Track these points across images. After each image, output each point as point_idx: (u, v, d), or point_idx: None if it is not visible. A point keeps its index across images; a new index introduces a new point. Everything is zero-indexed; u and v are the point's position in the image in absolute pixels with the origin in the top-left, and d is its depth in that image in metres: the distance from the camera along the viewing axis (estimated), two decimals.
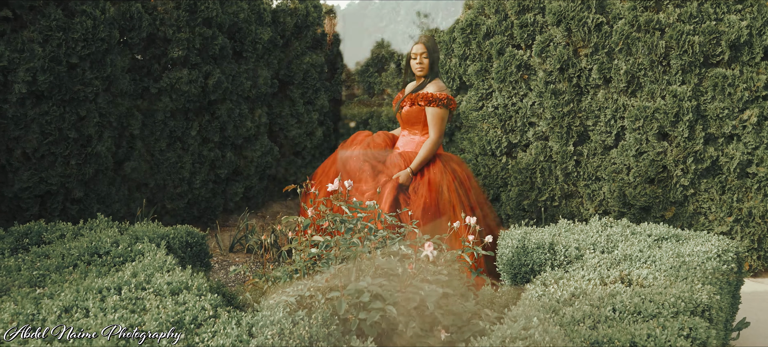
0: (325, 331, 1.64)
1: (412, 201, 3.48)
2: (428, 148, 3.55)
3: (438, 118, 3.55)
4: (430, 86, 3.62)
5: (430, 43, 3.65)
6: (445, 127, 3.60)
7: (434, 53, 3.66)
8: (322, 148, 6.42)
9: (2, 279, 2.10)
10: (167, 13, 4.90)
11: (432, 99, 3.55)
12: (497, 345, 1.68)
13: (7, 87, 4.08)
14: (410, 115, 3.64)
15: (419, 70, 3.66)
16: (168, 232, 2.76)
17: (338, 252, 1.76)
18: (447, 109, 3.61)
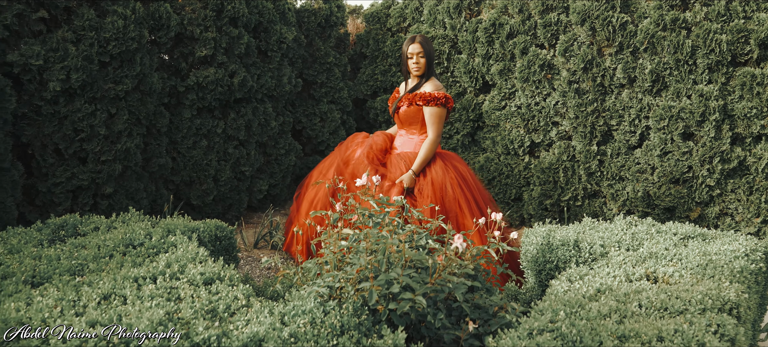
0: (355, 321, 1.68)
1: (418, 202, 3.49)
2: (428, 147, 3.55)
3: (436, 117, 3.54)
4: (427, 85, 3.61)
5: (426, 42, 3.66)
6: (442, 126, 3.61)
7: (430, 52, 3.66)
8: None
9: (44, 267, 2.18)
10: (195, 13, 4.99)
11: (430, 98, 3.55)
12: (525, 336, 1.71)
13: (42, 85, 4.20)
14: (408, 114, 3.64)
15: (416, 69, 3.66)
16: (198, 226, 2.82)
17: (368, 245, 1.80)
18: (445, 107, 3.61)
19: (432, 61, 3.65)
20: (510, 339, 1.68)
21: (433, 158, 3.61)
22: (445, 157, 3.71)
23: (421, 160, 3.54)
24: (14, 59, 4.06)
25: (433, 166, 3.58)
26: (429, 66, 3.64)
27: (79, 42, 4.31)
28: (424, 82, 3.63)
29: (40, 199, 4.42)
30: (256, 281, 3.68)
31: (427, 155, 3.55)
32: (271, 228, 4.58)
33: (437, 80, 3.68)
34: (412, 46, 3.65)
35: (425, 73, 3.66)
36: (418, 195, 3.50)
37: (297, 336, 1.62)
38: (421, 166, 3.54)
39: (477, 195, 3.62)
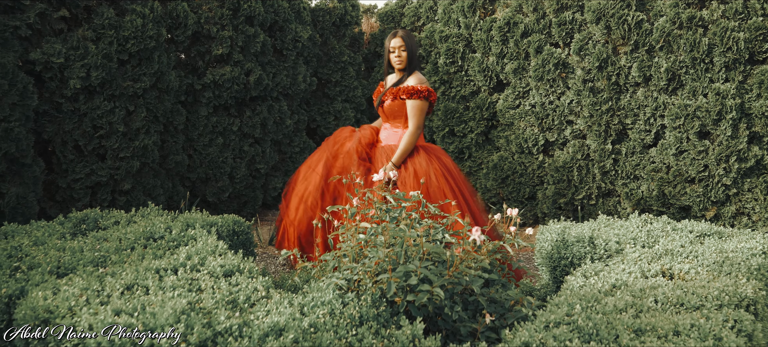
0: (374, 312, 1.70)
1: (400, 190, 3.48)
2: (407, 139, 3.57)
3: (417, 109, 3.58)
4: (411, 79, 3.64)
5: (407, 37, 3.68)
6: (424, 118, 3.63)
7: (412, 46, 3.68)
8: None
9: (68, 258, 2.23)
10: (211, 12, 5.04)
11: (413, 92, 3.58)
12: (541, 329, 1.72)
13: (63, 83, 4.27)
14: (392, 108, 3.67)
15: (398, 63, 3.69)
16: (216, 220, 2.86)
17: (387, 238, 1.82)
18: (427, 101, 3.62)
19: (414, 55, 3.67)
20: (527, 331, 1.69)
21: (416, 150, 3.64)
22: (429, 150, 3.71)
23: (401, 152, 3.57)
24: (36, 57, 4.14)
25: (416, 156, 3.60)
26: (411, 60, 3.67)
27: (98, 40, 4.37)
28: (408, 77, 3.65)
29: (60, 195, 4.50)
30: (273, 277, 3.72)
31: (407, 147, 3.57)
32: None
33: (421, 74, 3.71)
34: (394, 41, 3.68)
35: (407, 67, 3.68)
36: (402, 186, 3.50)
37: (317, 326, 1.64)
38: (400, 157, 3.57)
39: (463, 188, 3.61)
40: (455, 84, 5.92)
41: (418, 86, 3.57)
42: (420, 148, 3.63)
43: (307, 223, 3.48)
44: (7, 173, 4.03)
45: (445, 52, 5.88)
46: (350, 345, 1.58)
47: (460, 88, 5.91)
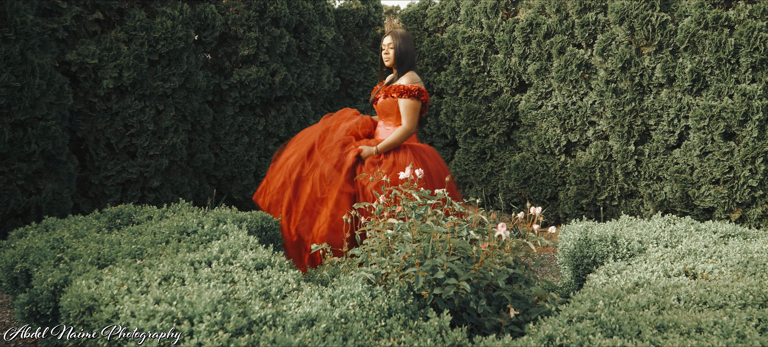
0: (402, 304, 1.76)
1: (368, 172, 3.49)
2: (398, 133, 3.60)
3: (409, 109, 3.59)
4: (404, 78, 3.66)
5: (395, 36, 3.70)
6: (417, 117, 3.63)
7: (402, 45, 3.68)
8: None
9: (107, 250, 2.33)
10: (238, 13, 5.15)
11: (404, 90, 3.60)
12: (564, 323, 1.77)
13: (96, 83, 4.41)
14: (384, 106, 3.70)
15: (386, 60, 3.73)
16: (245, 216, 2.95)
17: (414, 233, 1.88)
18: (418, 100, 3.62)
19: (407, 54, 3.68)
20: (550, 325, 1.74)
21: (403, 148, 3.66)
22: (417, 151, 3.70)
23: (388, 143, 3.60)
24: (72, 58, 4.28)
25: (401, 152, 3.62)
26: (402, 59, 3.68)
27: (130, 41, 4.50)
28: (402, 76, 3.67)
29: (93, 191, 4.64)
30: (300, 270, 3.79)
31: (395, 140, 3.61)
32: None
33: (415, 74, 3.72)
34: (385, 39, 3.74)
35: (398, 65, 3.69)
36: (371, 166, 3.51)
37: (347, 317, 1.71)
38: (386, 147, 3.60)
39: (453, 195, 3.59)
40: (477, 85, 5.95)
41: (409, 85, 3.59)
42: (408, 147, 3.65)
43: (283, 182, 3.55)
44: (44, 170, 4.17)
45: (468, 52, 5.92)
46: (380, 335, 1.64)
47: (482, 89, 5.94)
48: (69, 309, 1.94)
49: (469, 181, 6.14)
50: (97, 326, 1.84)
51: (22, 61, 3.91)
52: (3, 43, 3.85)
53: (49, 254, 2.38)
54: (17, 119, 3.95)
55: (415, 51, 3.75)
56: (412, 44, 3.72)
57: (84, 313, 1.90)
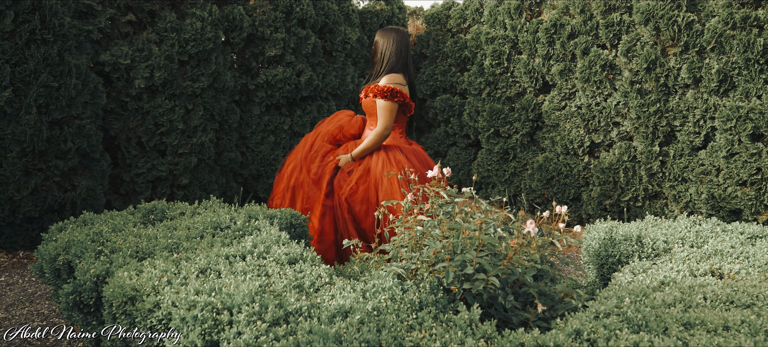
0: (432, 298, 1.82)
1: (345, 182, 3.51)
2: (372, 138, 3.55)
3: (384, 109, 3.53)
4: (384, 79, 3.60)
5: (379, 37, 3.68)
6: (392, 119, 3.54)
7: (384, 46, 3.64)
8: None
9: (145, 244, 2.42)
10: (265, 14, 5.25)
11: (378, 90, 3.55)
12: (591, 319, 1.80)
13: (129, 83, 4.54)
14: (366, 106, 3.69)
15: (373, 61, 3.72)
16: (275, 213, 3.03)
17: (444, 230, 1.93)
18: (392, 101, 3.54)
19: (387, 55, 3.62)
20: (578, 320, 1.78)
21: (378, 150, 3.60)
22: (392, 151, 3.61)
23: (362, 148, 3.57)
24: (106, 59, 4.41)
25: (375, 156, 3.57)
26: (386, 59, 3.63)
27: (161, 42, 4.62)
28: (383, 76, 3.65)
29: (124, 188, 4.77)
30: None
31: (370, 145, 3.56)
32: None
33: (401, 76, 3.63)
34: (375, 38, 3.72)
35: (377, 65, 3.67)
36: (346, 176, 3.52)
37: (379, 309, 1.77)
38: (361, 153, 3.57)
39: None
40: (501, 85, 5.98)
41: (384, 86, 3.53)
42: (383, 149, 3.59)
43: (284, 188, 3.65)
44: (78, 167, 4.31)
45: (491, 53, 5.94)
46: (411, 327, 1.70)
47: (505, 90, 5.96)
48: (112, 299, 2.03)
49: (491, 181, 6.17)
50: (140, 315, 1.92)
51: (59, 62, 4.04)
52: (42, 44, 3.98)
53: (89, 247, 2.48)
54: (54, 118, 4.09)
55: (402, 51, 3.64)
56: (398, 44, 3.62)
57: (126, 303, 1.99)
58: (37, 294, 3.69)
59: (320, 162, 3.63)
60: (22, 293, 3.71)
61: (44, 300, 3.63)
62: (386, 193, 3.46)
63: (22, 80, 3.95)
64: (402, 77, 3.64)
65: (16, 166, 3.98)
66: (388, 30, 3.68)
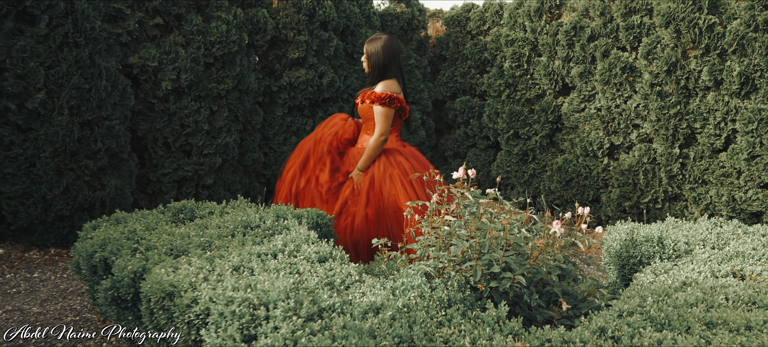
0: (460, 296, 1.88)
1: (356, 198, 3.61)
2: (372, 146, 3.65)
3: (381, 115, 3.63)
4: (380, 86, 3.69)
5: (369, 45, 3.75)
6: (388, 124, 3.64)
7: (375, 55, 3.71)
8: (424, 147, 6.68)
9: (179, 242, 2.51)
10: (289, 17, 5.34)
11: (374, 97, 3.65)
12: (615, 317, 1.85)
13: (156, 85, 4.65)
14: (363, 111, 3.77)
15: (365, 67, 3.80)
16: (302, 213, 3.10)
17: (472, 230, 1.99)
18: (389, 107, 3.63)
19: (381, 63, 3.70)
20: (602, 318, 1.83)
21: (379, 156, 3.70)
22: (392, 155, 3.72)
23: (366, 158, 3.66)
24: (134, 61, 4.52)
25: (377, 162, 3.68)
26: (378, 67, 3.72)
27: (187, 45, 4.73)
28: (378, 82, 3.73)
29: (151, 187, 4.88)
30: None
31: (371, 153, 3.66)
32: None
33: (394, 82, 3.72)
34: (364, 47, 3.82)
35: (373, 73, 3.76)
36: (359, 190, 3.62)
37: (409, 306, 1.83)
38: (365, 163, 3.67)
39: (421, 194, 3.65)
40: (520, 87, 6.01)
41: (381, 92, 3.63)
42: (383, 153, 3.69)
43: (286, 195, 3.74)
44: (107, 167, 4.43)
45: (511, 55, 5.98)
46: (441, 323, 1.76)
47: (525, 92, 6.00)
48: (150, 295, 2.12)
49: (511, 183, 6.20)
50: (177, 310, 2.01)
51: (90, 65, 4.16)
52: (74, 47, 4.11)
53: (125, 245, 2.58)
54: (85, 119, 4.21)
55: (395, 57, 3.74)
56: (389, 51, 3.70)
57: (164, 299, 2.08)
58: (69, 290, 3.81)
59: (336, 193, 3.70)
60: (55, 289, 3.83)
61: (76, 296, 3.74)
62: (389, 195, 3.58)
63: (55, 82, 4.07)
64: (396, 83, 3.73)
65: (48, 166, 4.11)
66: (375, 38, 3.77)
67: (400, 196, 3.55)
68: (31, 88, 4.00)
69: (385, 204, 3.57)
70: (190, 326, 1.99)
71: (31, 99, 4.02)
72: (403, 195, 3.57)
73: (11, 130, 4.03)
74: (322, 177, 3.70)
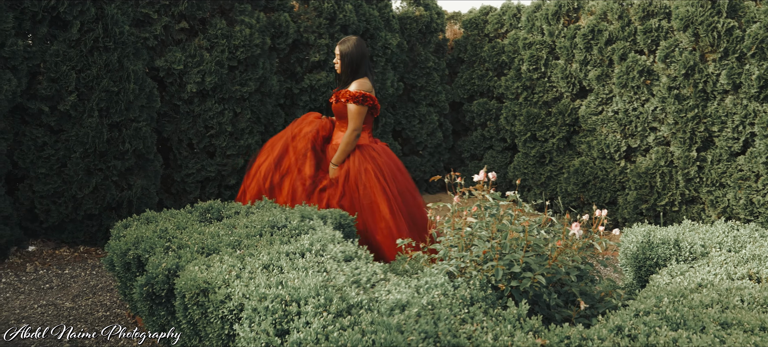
0: (482, 294, 1.96)
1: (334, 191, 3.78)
2: (345, 141, 3.83)
3: (354, 113, 3.82)
4: (353, 85, 3.89)
5: (342, 46, 3.92)
6: (361, 121, 3.84)
7: (348, 55, 3.90)
8: (441, 148, 6.75)
9: (209, 241, 2.61)
10: (310, 21, 5.45)
11: (349, 96, 3.83)
12: (631, 316, 1.92)
13: (181, 87, 4.78)
14: (337, 110, 3.96)
15: (337, 68, 3.98)
16: (325, 213, 3.20)
17: (494, 231, 2.07)
18: (363, 105, 3.82)
19: (354, 63, 3.89)
20: (619, 317, 1.89)
21: (354, 150, 3.89)
22: (365, 150, 3.92)
23: (340, 152, 3.85)
24: (160, 64, 4.66)
25: (353, 157, 3.87)
26: (349, 67, 3.91)
27: (212, 49, 4.86)
28: (352, 82, 3.90)
29: (175, 188, 5.02)
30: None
31: (345, 147, 3.85)
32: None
33: (366, 81, 3.92)
34: (336, 49, 3.99)
35: (345, 73, 3.91)
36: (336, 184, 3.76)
37: (433, 304, 1.92)
38: (340, 157, 3.86)
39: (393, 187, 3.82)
40: (538, 90, 6.06)
41: (355, 91, 3.82)
42: (357, 149, 3.88)
43: (257, 190, 3.86)
44: (134, 167, 4.56)
45: (529, 58, 6.03)
46: (464, 320, 1.84)
47: (542, 94, 6.05)
48: (185, 291, 2.22)
49: (527, 184, 6.26)
50: (212, 305, 2.11)
51: (119, 68, 4.30)
52: (104, 51, 4.25)
53: (158, 243, 2.69)
54: (114, 120, 4.35)
55: (365, 58, 3.93)
56: (360, 53, 3.90)
57: (199, 294, 2.18)
58: (98, 287, 3.95)
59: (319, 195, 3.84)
60: (85, 285, 3.97)
61: (105, 292, 3.88)
62: (365, 188, 3.78)
63: (86, 85, 4.21)
64: (369, 81, 3.92)
65: (79, 166, 4.25)
66: (346, 40, 3.95)
67: (375, 190, 3.77)
68: (64, 90, 4.14)
69: (360, 197, 3.75)
70: (223, 320, 2.09)
71: (62, 101, 4.17)
72: (378, 189, 3.78)
73: (44, 131, 4.18)
74: (306, 170, 3.85)
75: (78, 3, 4.11)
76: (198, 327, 2.26)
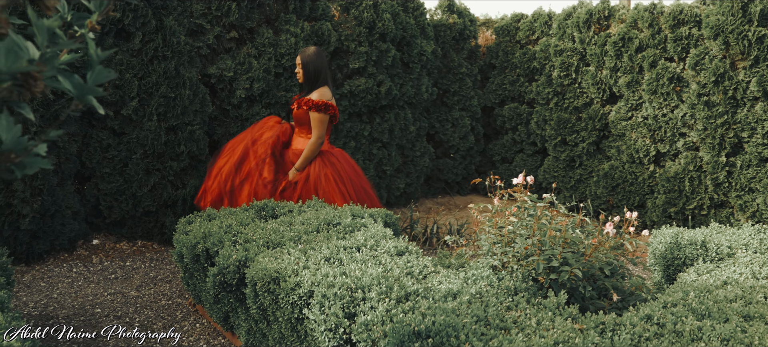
0: (524, 285, 2.20)
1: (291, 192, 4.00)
2: (309, 148, 4.06)
3: (317, 121, 4.03)
4: (315, 93, 4.09)
5: (304, 56, 4.13)
6: (324, 129, 4.05)
7: (309, 65, 4.10)
8: (472, 152, 6.97)
9: (273, 236, 2.89)
10: (350, 30, 5.72)
11: (312, 104, 4.04)
12: (660, 308, 2.14)
13: (231, 93, 5.10)
14: (298, 116, 4.17)
15: (298, 77, 4.20)
16: (372, 212, 3.46)
17: (535, 229, 2.31)
18: (325, 113, 4.04)
19: (315, 72, 4.10)
20: (648, 308, 2.11)
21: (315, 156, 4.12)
22: (326, 156, 4.13)
23: (303, 159, 4.08)
24: (212, 72, 4.98)
25: (314, 163, 4.09)
26: (310, 76, 4.11)
27: (259, 56, 5.16)
28: (314, 90, 4.10)
29: None
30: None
31: (309, 154, 4.07)
32: (412, 222, 5.19)
33: (327, 89, 4.12)
34: (297, 59, 4.20)
35: (308, 81, 4.15)
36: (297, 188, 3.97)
37: (481, 293, 2.16)
38: (302, 163, 4.08)
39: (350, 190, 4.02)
40: (568, 96, 6.25)
41: (316, 99, 4.02)
42: (318, 155, 4.11)
43: (219, 192, 4.07)
44: (188, 167, 4.89)
45: (560, 65, 6.22)
46: (509, 307, 2.08)
47: (572, 100, 6.23)
48: (257, 280, 2.50)
49: (557, 187, 6.44)
50: (282, 293, 2.38)
51: (176, 75, 4.63)
52: (162, 60, 4.57)
53: (225, 238, 2.98)
54: (170, 124, 4.67)
55: (325, 67, 4.12)
56: (320, 62, 4.11)
57: (270, 283, 2.46)
58: (158, 278, 4.27)
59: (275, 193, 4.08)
60: (145, 276, 4.29)
61: (164, 283, 4.20)
62: (325, 192, 4.03)
63: (146, 92, 4.55)
64: (328, 90, 4.15)
65: (139, 166, 4.59)
66: (306, 49, 4.17)
67: (334, 193, 4.00)
68: (126, 96, 4.48)
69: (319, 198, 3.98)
70: (293, 306, 2.36)
71: (125, 106, 4.51)
72: (337, 192, 4.03)
73: (108, 134, 4.53)
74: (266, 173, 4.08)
75: (141, 16, 4.44)
76: (267, 312, 2.53)
